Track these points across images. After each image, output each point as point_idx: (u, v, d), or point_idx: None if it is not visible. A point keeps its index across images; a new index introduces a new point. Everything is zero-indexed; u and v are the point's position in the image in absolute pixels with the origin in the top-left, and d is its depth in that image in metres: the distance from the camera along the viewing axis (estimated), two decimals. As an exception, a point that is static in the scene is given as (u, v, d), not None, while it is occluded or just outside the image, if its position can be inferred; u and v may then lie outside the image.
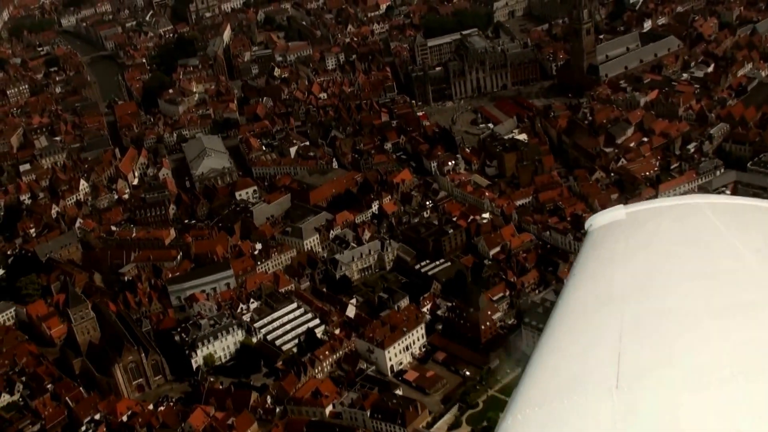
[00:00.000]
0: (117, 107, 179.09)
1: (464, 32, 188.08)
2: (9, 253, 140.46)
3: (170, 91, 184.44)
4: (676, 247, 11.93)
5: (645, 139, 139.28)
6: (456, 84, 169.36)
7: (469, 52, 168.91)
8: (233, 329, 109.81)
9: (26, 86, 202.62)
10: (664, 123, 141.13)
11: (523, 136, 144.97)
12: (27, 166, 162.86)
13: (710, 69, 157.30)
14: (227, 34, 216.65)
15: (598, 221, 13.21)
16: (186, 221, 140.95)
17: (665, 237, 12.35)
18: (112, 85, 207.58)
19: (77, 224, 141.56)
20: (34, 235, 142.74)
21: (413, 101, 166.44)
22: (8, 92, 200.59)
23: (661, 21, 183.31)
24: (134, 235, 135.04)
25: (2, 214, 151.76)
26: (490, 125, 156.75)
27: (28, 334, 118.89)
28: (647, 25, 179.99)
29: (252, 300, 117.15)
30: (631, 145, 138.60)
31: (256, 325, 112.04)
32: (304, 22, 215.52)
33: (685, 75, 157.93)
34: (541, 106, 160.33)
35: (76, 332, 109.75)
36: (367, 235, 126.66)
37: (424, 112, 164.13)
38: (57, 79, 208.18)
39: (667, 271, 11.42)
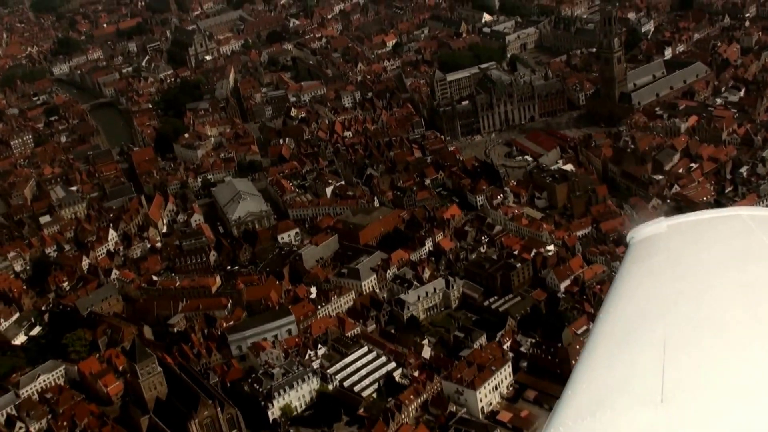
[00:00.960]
0: (134, 154, 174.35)
1: (482, 66, 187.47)
2: (44, 308, 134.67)
3: (186, 135, 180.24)
4: (718, 258, 11.93)
5: (693, 165, 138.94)
6: (484, 117, 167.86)
7: (495, 85, 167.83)
8: (308, 377, 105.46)
9: (29, 136, 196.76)
10: (710, 148, 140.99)
11: (568, 167, 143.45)
12: (47, 218, 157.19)
13: (742, 93, 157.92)
14: (232, 76, 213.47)
15: (639, 234, 13.27)
16: (228, 267, 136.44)
17: (707, 249, 12.37)
18: (117, 132, 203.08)
19: (113, 275, 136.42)
20: (67, 288, 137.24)
21: (441, 136, 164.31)
22: (12, 143, 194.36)
23: (680, 48, 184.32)
24: (178, 284, 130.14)
25: (28, 268, 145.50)
26: (527, 157, 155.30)
27: (82, 393, 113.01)
28: (668, 53, 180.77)
29: (319, 346, 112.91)
30: (680, 171, 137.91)
31: (330, 371, 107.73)
32: (311, 62, 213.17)
33: (718, 100, 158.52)
34: (575, 136, 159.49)
35: (143, 388, 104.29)
36: (426, 273, 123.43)
37: (454, 146, 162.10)
38: (60, 128, 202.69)
39: (709, 283, 11.37)
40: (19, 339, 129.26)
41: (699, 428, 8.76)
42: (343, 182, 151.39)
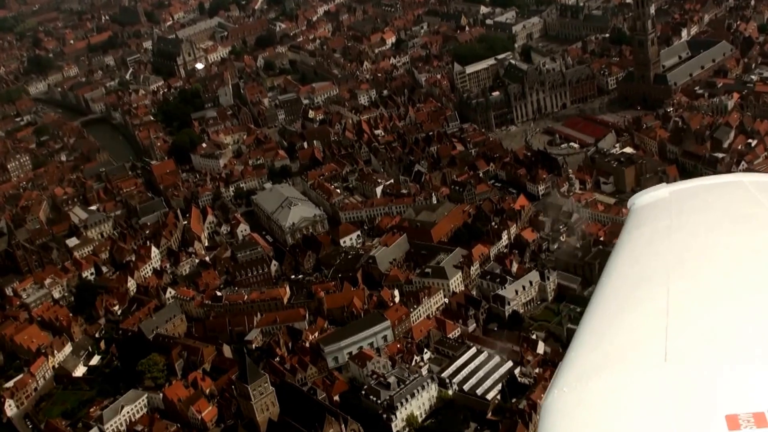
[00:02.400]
0: (154, 167, 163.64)
1: (498, 57, 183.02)
2: (98, 335, 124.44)
3: (203, 145, 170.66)
4: (720, 223, 11.98)
5: (751, 141, 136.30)
6: (517, 107, 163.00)
7: (527, 74, 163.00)
8: (427, 384, 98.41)
9: (27, 158, 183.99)
10: (765, 123, 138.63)
11: (626, 150, 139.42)
12: (75, 241, 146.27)
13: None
14: (230, 83, 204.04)
15: (641, 199, 13.34)
16: (293, 276, 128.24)
17: (709, 213, 12.44)
18: (117, 147, 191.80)
19: (169, 294, 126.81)
20: (119, 312, 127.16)
21: (481, 129, 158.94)
22: (9, 166, 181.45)
23: (694, 29, 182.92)
24: (246, 297, 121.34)
25: (67, 294, 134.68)
26: (573, 144, 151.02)
27: (173, 421, 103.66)
28: (684, 34, 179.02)
29: (425, 350, 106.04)
30: (740, 147, 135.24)
31: (444, 375, 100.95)
32: (312, 64, 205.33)
33: (753, 76, 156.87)
34: (615, 121, 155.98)
35: (255, 410, 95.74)
36: (514, 266, 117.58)
37: (491, 138, 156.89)
38: (56, 147, 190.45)
39: (711, 247, 11.47)
40: (80, 370, 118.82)
41: (703, 387, 8.77)
42: (392, 181, 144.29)
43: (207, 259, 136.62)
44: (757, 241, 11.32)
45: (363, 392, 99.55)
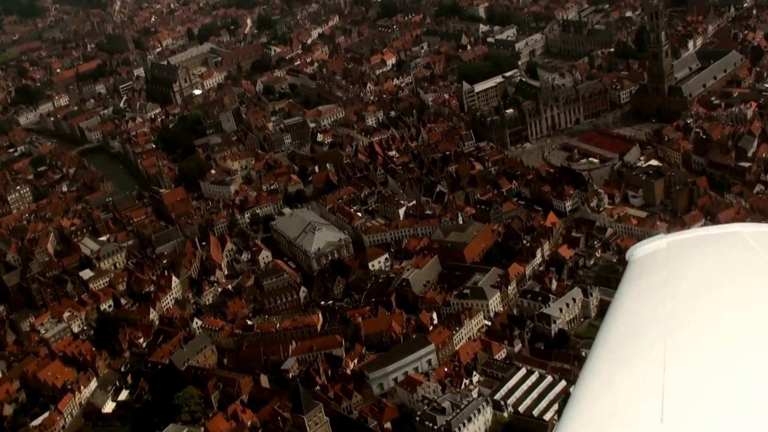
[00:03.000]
0: (164, 196, 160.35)
1: (506, 74, 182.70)
2: (123, 369, 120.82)
3: (212, 172, 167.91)
4: (719, 276, 11.94)
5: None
6: (532, 124, 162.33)
7: (540, 90, 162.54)
8: (482, 407, 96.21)
9: (27, 189, 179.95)
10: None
11: (652, 163, 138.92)
12: (89, 273, 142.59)
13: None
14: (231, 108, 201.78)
15: (639, 251, 13.32)
16: (323, 302, 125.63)
17: (707, 266, 12.37)
18: (118, 176, 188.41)
19: (195, 325, 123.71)
20: (144, 345, 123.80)
21: (499, 147, 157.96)
22: (8, 198, 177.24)
23: (699, 41, 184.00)
24: (279, 326, 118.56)
25: (86, 328, 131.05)
26: (593, 159, 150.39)
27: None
28: (691, 45, 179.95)
29: (474, 373, 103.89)
30: (764, 155, 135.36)
31: (497, 397, 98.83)
32: (313, 87, 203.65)
33: (767, 84, 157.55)
34: (632, 134, 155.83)
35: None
36: (554, 284, 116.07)
37: (509, 156, 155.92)
38: (55, 177, 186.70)
39: (709, 301, 11.38)
40: (109, 406, 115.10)
41: None
42: (414, 202, 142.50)
43: (230, 287, 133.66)
44: (755, 294, 11.23)
45: (417, 419, 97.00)
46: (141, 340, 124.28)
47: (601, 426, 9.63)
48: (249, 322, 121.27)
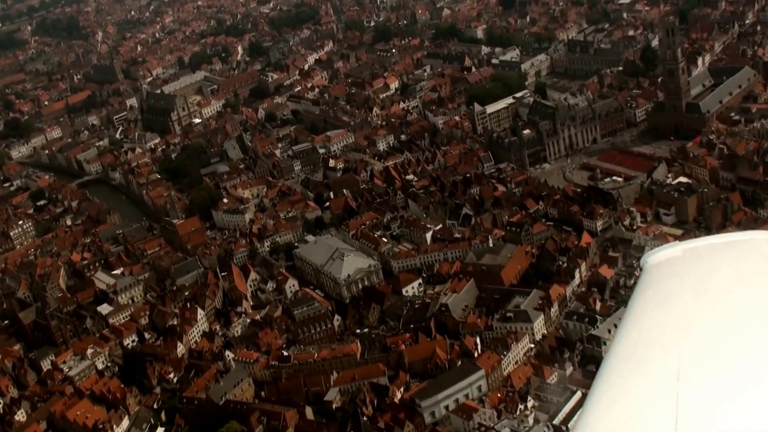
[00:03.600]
0: (178, 227, 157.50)
1: (516, 95, 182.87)
2: (157, 405, 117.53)
3: (224, 201, 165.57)
4: (733, 284, 11.87)
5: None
6: (549, 144, 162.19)
7: (557, 110, 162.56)
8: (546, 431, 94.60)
9: (30, 224, 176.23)
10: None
11: (682, 180, 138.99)
12: (107, 307, 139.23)
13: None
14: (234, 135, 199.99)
15: (654, 258, 13.29)
16: (358, 330, 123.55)
17: (722, 274, 12.33)
18: (121, 207, 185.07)
19: (228, 357, 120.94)
20: (175, 380, 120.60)
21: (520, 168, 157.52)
22: (11, 234, 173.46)
23: (707, 57, 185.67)
24: (317, 356, 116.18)
25: (110, 364, 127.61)
26: (616, 178, 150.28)
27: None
28: (700, 63, 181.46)
29: (528, 397, 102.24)
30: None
31: (555, 421, 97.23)
32: (317, 112, 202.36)
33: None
34: (653, 152, 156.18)
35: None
36: (598, 305, 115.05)
37: (532, 177, 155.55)
38: (57, 211, 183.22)
39: (724, 309, 11.35)
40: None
41: None
42: (440, 226, 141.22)
43: (258, 318, 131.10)
44: None
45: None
46: (171, 375, 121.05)
47: None
48: (285, 353, 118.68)
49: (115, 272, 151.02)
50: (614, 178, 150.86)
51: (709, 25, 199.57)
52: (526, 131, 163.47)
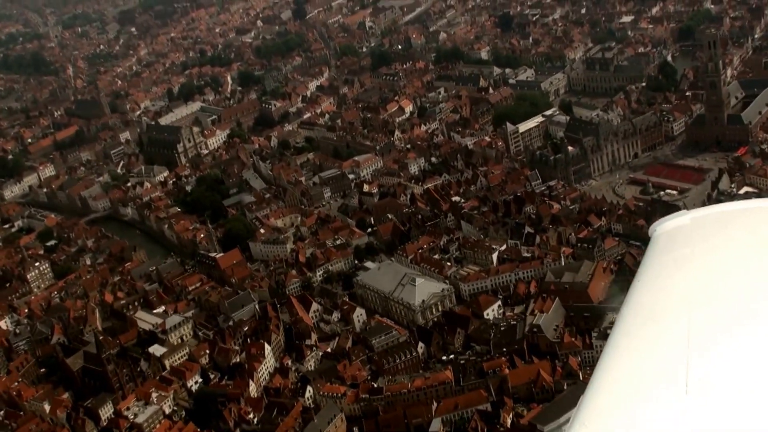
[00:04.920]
0: (220, 260, 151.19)
1: (546, 113, 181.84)
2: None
3: (261, 231, 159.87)
4: (742, 251, 11.97)
5: None
6: (594, 160, 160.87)
7: (600, 126, 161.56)
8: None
9: (46, 265, 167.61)
10: None
11: (745, 189, 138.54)
12: (160, 349, 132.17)
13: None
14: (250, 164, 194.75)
15: (662, 226, 13.44)
16: (443, 357, 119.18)
17: (731, 241, 12.44)
18: (139, 243, 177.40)
19: (309, 394, 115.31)
20: (255, 420, 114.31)
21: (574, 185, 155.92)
22: (28, 276, 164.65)
23: (728, 71, 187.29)
24: (411, 386, 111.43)
25: (176, 408, 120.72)
26: (670, 191, 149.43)
27: None
28: (724, 76, 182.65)
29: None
30: None
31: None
32: (335, 138, 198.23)
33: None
34: (699, 164, 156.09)
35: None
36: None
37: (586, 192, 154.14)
38: (71, 251, 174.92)
39: (732, 275, 11.42)
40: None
41: (725, 419, 8.78)
42: (505, 246, 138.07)
43: (329, 350, 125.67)
44: None
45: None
46: (251, 416, 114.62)
47: (626, 398, 9.66)
48: (375, 385, 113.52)
49: (157, 311, 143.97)
50: (668, 191, 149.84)
51: (722, 41, 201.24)
52: (570, 148, 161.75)
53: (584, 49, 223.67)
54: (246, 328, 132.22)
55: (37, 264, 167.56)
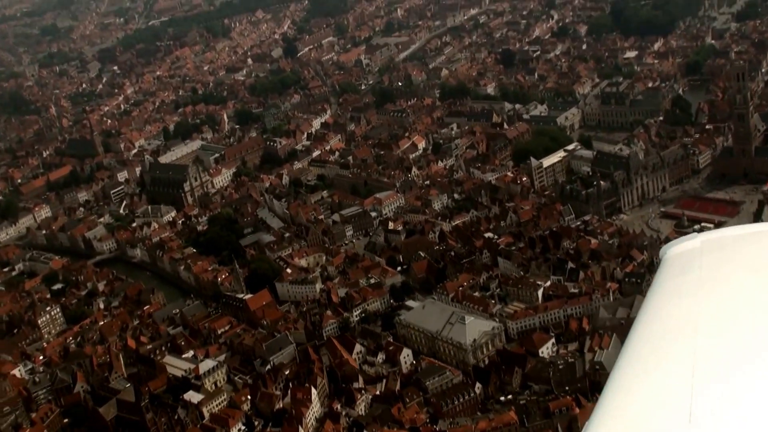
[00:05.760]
0: (249, 301, 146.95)
1: (568, 148, 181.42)
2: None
3: (288, 271, 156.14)
4: (752, 276, 11.89)
5: None
6: (624, 194, 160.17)
7: (630, 160, 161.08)
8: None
9: (57, 310, 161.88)
10: None
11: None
12: (196, 395, 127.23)
13: None
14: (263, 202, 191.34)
15: (673, 249, 13.53)
16: (502, 398, 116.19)
17: (741, 266, 12.38)
18: (155, 286, 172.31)
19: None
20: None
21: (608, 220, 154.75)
22: (39, 322, 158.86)
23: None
24: (475, 429, 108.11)
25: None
26: (706, 224, 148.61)
27: None
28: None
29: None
30: None
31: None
32: (350, 175, 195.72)
33: None
34: (730, 197, 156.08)
35: None
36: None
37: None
38: (81, 294, 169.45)
39: (742, 302, 11.36)
40: None
41: None
42: (549, 282, 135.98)
43: (377, 392, 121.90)
44: None
45: None
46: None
47: (629, 425, 9.64)
48: (436, 428, 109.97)
49: (186, 355, 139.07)
50: (704, 224, 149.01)
51: (729, 75, 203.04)
52: (603, 182, 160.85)
53: (591, 84, 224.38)
54: (287, 372, 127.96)
55: (48, 309, 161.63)
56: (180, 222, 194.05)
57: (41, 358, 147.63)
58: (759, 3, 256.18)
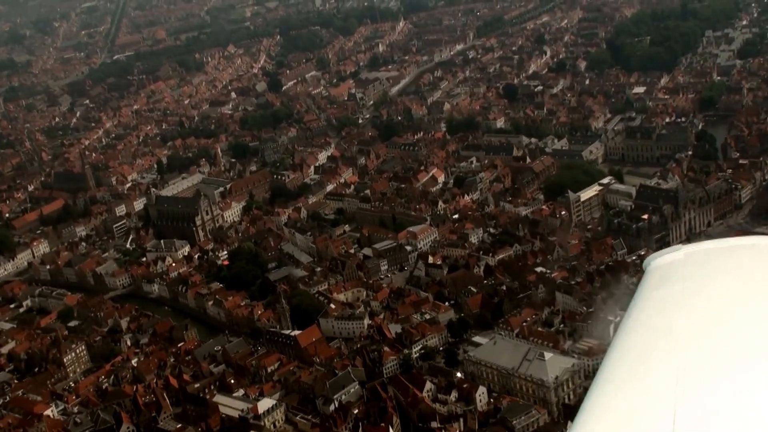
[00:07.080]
0: (299, 338, 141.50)
1: (602, 182, 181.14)
2: None
3: (332, 306, 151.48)
4: (735, 288, 12.20)
5: None
6: (673, 228, 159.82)
7: (678, 193, 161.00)
8: None
9: (82, 348, 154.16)
10: None
11: None
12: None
13: None
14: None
15: (656, 261, 13.74)
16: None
17: (723, 278, 12.70)
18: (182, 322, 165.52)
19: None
20: None
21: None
22: (65, 360, 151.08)
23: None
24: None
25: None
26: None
27: None
28: None
29: None
30: None
31: None
32: (372, 209, 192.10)
33: None
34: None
35: None
36: None
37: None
38: (103, 331, 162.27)
39: (722, 314, 11.56)
40: None
41: None
42: (619, 318, 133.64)
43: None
44: None
45: None
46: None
47: None
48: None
49: (236, 394, 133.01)
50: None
51: (755, 109, 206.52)
52: (644, 217, 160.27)
53: (605, 119, 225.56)
54: (356, 411, 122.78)
55: (73, 346, 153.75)
56: (196, 256, 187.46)
57: (75, 398, 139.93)
58: (758, 42, 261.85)
